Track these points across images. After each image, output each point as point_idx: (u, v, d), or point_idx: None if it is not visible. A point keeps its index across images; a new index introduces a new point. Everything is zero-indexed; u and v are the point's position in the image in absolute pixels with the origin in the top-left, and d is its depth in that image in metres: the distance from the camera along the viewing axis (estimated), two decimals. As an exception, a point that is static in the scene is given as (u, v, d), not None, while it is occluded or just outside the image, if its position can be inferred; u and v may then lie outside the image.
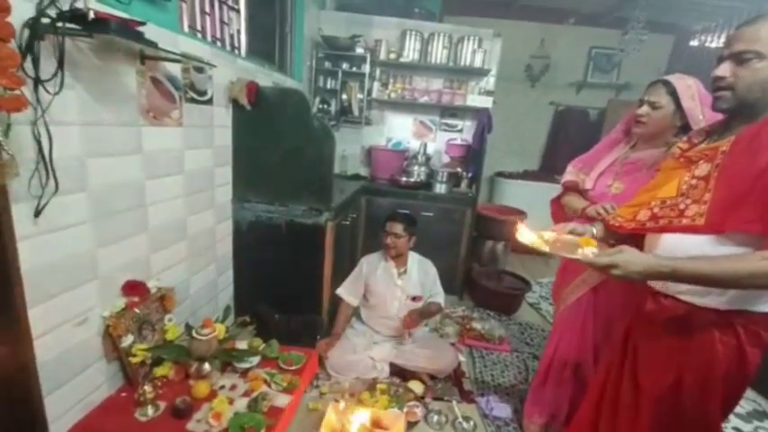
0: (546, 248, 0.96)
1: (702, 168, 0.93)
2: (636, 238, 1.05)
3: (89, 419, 1.27)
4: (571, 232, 1.10)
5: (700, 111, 1.24)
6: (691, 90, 1.26)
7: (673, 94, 1.27)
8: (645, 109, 1.31)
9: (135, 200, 1.40)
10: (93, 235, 1.23)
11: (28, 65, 0.92)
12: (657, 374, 0.97)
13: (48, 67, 0.97)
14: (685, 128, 1.28)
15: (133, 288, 1.40)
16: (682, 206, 0.93)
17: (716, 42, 3.78)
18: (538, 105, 4.57)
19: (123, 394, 1.39)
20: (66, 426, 1.22)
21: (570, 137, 4.40)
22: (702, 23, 3.85)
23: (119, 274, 1.37)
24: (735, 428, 1.89)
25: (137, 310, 1.40)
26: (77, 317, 1.22)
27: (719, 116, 1.09)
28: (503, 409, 1.82)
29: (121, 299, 1.37)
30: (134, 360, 1.36)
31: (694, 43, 3.96)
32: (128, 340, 1.36)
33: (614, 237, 1.13)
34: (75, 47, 1.07)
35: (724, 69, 0.88)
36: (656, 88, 1.30)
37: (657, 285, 1.00)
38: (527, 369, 2.20)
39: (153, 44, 1.22)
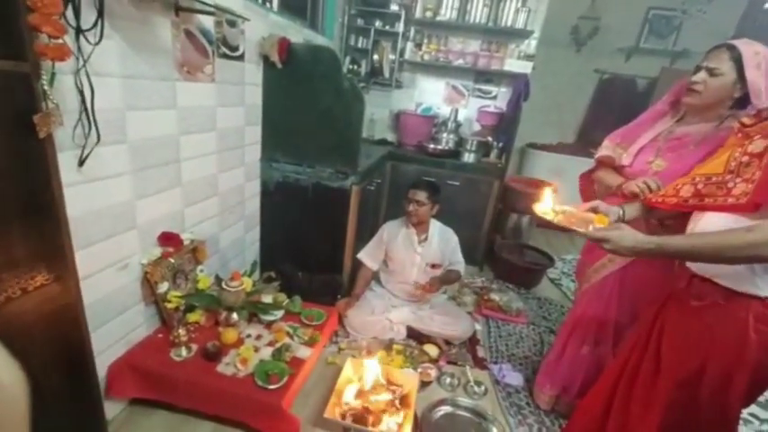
0: (555, 219, 1.02)
1: (757, 144, 0.86)
2: (683, 217, 1.00)
3: (130, 355, 1.40)
4: (593, 210, 1.07)
5: (763, 83, 1.11)
6: (758, 57, 1.12)
7: (737, 60, 1.12)
8: (701, 75, 1.18)
9: (170, 154, 1.44)
10: (133, 186, 1.29)
11: (69, 14, 0.93)
12: (682, 358, 0.96)
13: (87, 16, 0.97)
14: (742, 101, 1.17)
15: (168, 239, 1.47)
16: (730, 184, 0.87)
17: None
18: (581, 73, 4.26)
19: (160, 335, 1.51)
20: (111, 359, 1.35)
21: (614, 108, 4.11)
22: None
23: (155, 225, 1.44)
24: (751, 414, 1.87)
25: (171, 260, 1.49)
26: (119, 262, 1.30)
27: None
28: (515, 378, 1.87)
29: (157, 248, 1.45)
30: (169, 305, 1.47)
31: (769, 7, 3.51)
32: (163, 287, 1.45)
33: (655, 215, 1.09)
34: (112, -4, 1.06)
35: None
36: (719, 53, 1.15)
37: (694, 267, 0.97)
38: (542, 342, 2.22)
39: (187, -5, 1.20)
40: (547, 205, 1.06)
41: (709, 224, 0.91)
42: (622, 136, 1.46)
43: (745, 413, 1.86)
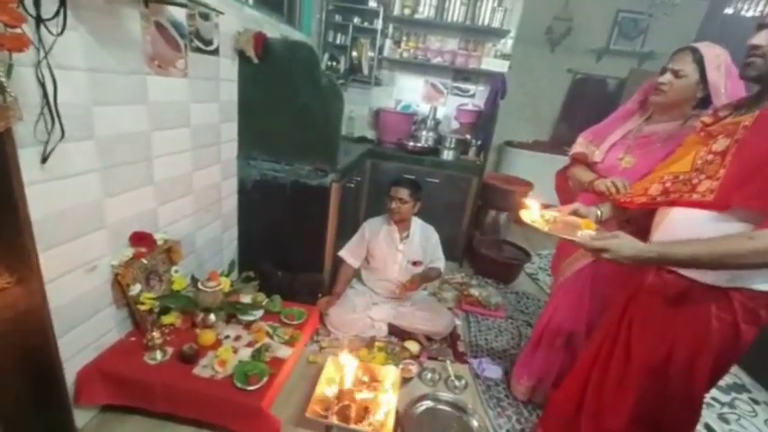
0: (545, 229, 1.01)
1: (720, 143, 0.90)
2: (648, 215, 1.04)
3: (101, 360, 1.34)
4: (574, 213, 1.10)
5: (723, 83, 1.18)
6: (718, 60, 1.19)
7: (699, 62, 1.19)
8: (667, 77, 1.24)
9: (141, 151, 1.38)
10: (101, 184, 1.24)
11: (28, 2, 0.88)
12: (651, 346, 1.00)
13: (49, 6, 0.93)
14: (705, 101, 1.23)
15: (140, 239, 1.42)
16: (695, 181, 0.91)
17: (753, 11, 3.54)
18: (555, 72, 4.38)
19: (132, 339, 1.45)
20: (80, 365, 1.30)
21: (586, 107, 4.26)
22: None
23: (126, 224, 1.38)
24: (713, 398, 1.97)
25: (144, 261, 1.43)
26: (87, 264, 1.25)
27: (742, 90, 1.04)
28: (494, 371, 1.91)
29: (129, 249, 1.40)
30: (142, 308, 1.41)
31: (729, 11, 3.70)
32: (136, 289, 1.40)
33: (625, 214, 1.12)
34: (75, -15, 1.01)
35: (761, 37, 0.83)
36: (683, 56, 1.22)
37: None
38: (520, 335, 2.27)
39: (156, -15, 1.16)
40: (535, 214, 1.06)
41: (674, 219, 0.95)
42: (594, 133, 1.51)
43: (707, 397, 1.96)
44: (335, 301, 2.10)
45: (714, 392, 2.00)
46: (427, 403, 1.62)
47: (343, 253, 2.18)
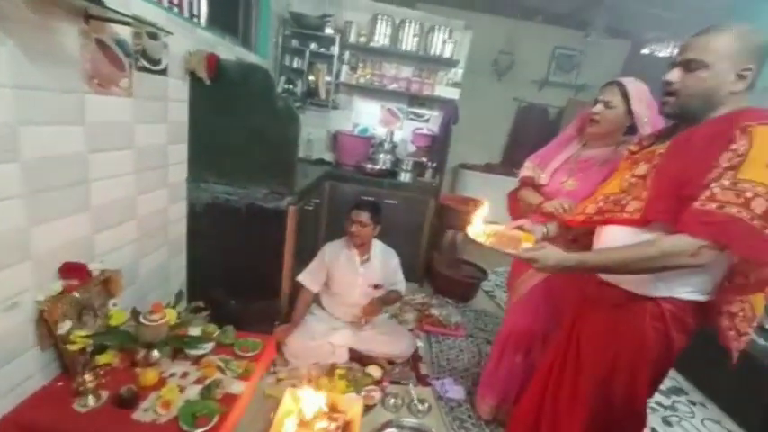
0: (485, 241, 1.07)
1: (641, 168, 1.01)
2: (592, 234, 1.12)
3: (19, 411, 1.17)
4: (520, 228, 1.16)
5: (646, 114, 1.33)
6: (640, 93, 1.35)
7: (624, 95, 1.35)
8: (599, 107, 1.38)
9: (76, 175, 1.27)
10: (26, 211, 1.11)
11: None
12: (597, 357, 1.06)
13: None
14: (632, 128, 1.38)
15: (72, 270, 1.29)
16: (623, 202, 1.00)
17: (664, 52, 4.05)
18: (502, 100, 4.69)
19: (60, 384, 1.29)
20: (-7, 418, 1.12)
21: (530, 133, 4.57)
22: (655, 33, 4.10)
23: (56, 254, 1.25)
24: (657, 403, 2.10)
25: (76, 294, 1.29)
26: (6, 300, 1.10)
27: (662, 120, 1.18)
28: (457, 391, 1.90)
29: (58, 282, 1.26)
30: (72, 348, 1.26)
31: (646, 51, 4.21)
32: (65, 326, 1.25)
33: (570, 233, 1.20)
34: (3, -3, 0.94)
35: (674, 75, 0.94)
36: (611, 88, 1.37)
37: (602, 274, 1.08)
38: (480, 353, 2.30)
39: (99, 2, 1.10)
40: (478, 229, 1.12)
41: (609, 234, 1.04)
42: (540, 157, 1.62)
43: (651, 402, 2.08)
44: (294, 328, 2.01)
45: (657, 396, 2.13)
46: (391, 431, 1.58)
47: (302, 277, 2.11)
